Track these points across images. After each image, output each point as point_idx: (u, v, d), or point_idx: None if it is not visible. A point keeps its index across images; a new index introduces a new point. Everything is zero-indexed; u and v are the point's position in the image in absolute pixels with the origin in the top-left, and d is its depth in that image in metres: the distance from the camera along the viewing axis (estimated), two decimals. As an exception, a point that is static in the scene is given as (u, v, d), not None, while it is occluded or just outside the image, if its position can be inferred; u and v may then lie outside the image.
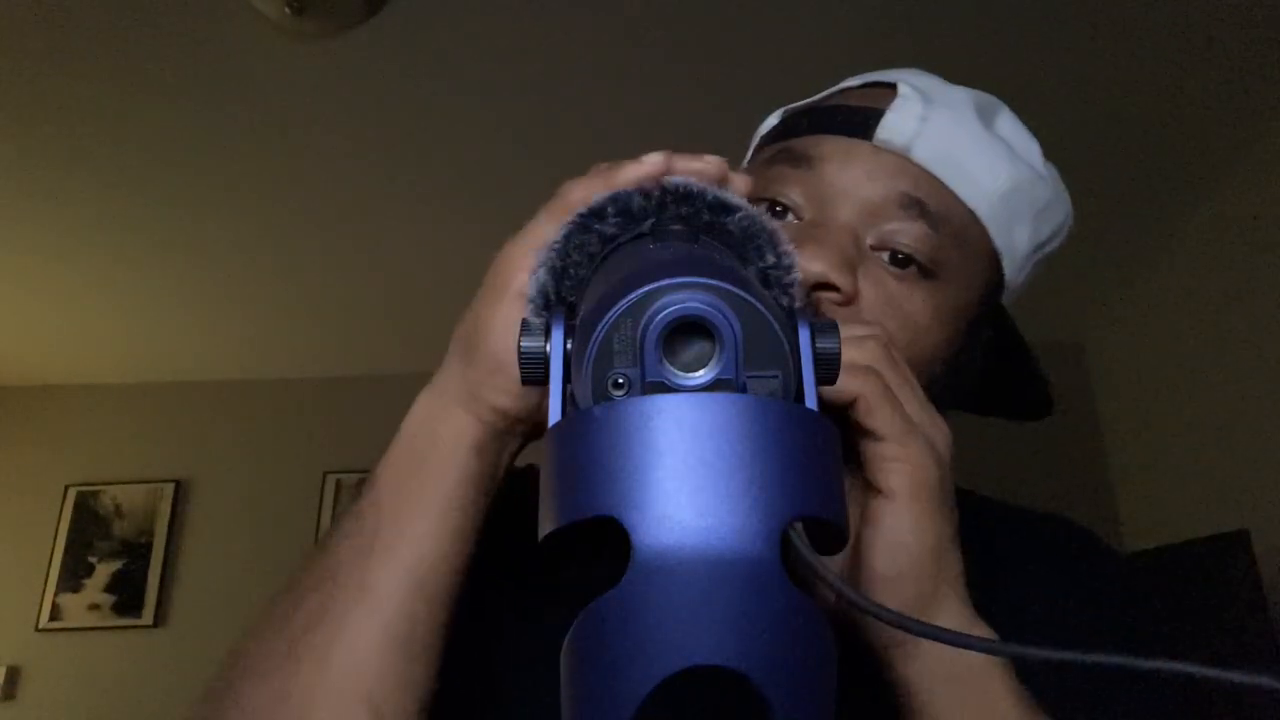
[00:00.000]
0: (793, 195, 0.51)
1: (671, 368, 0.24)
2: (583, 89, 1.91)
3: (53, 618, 2.90)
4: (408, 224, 2.38)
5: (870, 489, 0.39)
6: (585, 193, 0.37)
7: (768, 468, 0.22)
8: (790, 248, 0.36)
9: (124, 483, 3.05)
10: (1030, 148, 0.55)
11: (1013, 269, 0.55)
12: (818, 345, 0.28)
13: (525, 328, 0.30)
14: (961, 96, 0.55)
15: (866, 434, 0.38)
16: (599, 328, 0.25)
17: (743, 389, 0.24)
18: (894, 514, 0.38)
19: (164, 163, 2.09)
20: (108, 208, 2.24)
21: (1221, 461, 2.30)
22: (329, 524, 0.43)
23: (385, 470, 0.42)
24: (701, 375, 0.24)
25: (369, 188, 2.22)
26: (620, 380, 0.25)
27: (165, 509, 3.02)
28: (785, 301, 0.35)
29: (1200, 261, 2.39)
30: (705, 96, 1.91)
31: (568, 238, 0.36)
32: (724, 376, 0.24)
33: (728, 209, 0.36)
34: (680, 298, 0.24)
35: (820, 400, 0.27)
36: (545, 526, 0.24)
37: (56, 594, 2.92)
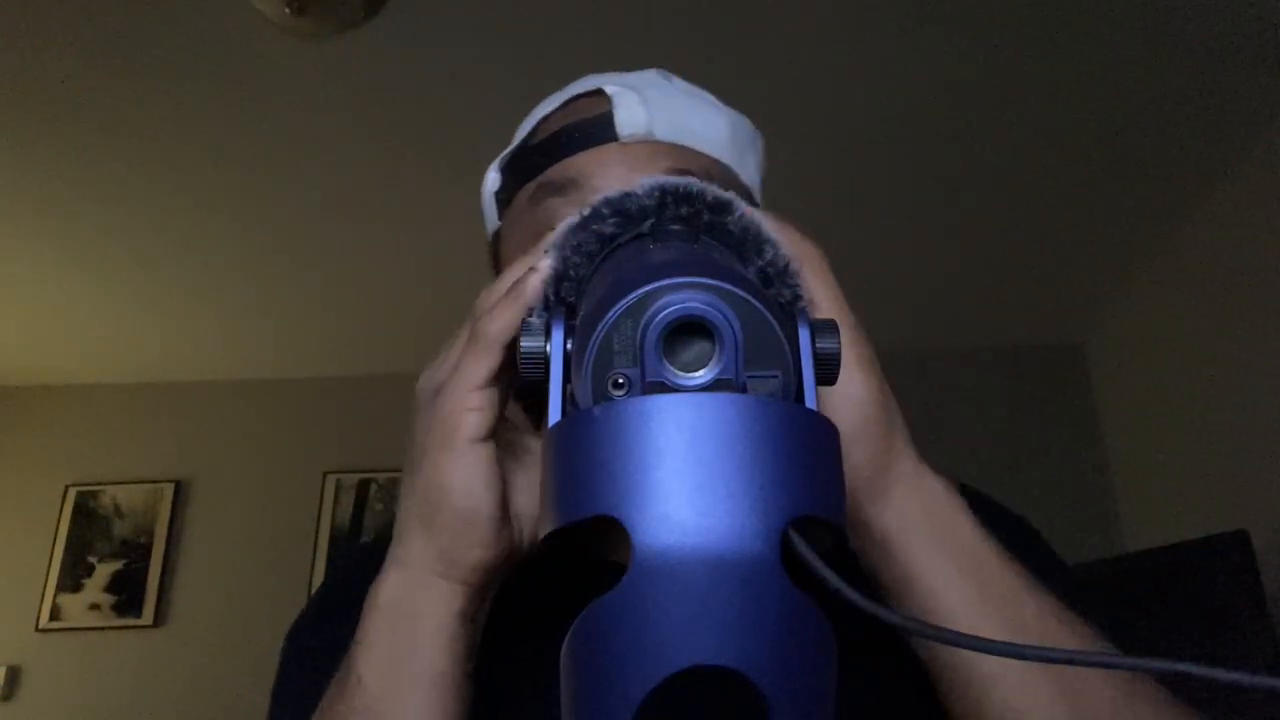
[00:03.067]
0: None
1: (672, 368, 0.24)
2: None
3: (53, 618, 2.90)
4: (408, 224, 2.38)
5: None
6: (500, 324, 0.37)
7: (768, 468, 0.22)
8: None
9: (124, 483, 3.05)
10: (707, 94, 0.61)
11: (758, 195, 0.60)
12: (818, 345, 0.28)
13: (525, 328, 0.30)
14: (651, 75, 0.59)
15: (810, 301, 0.39)
16: (599, 328, 0.25)
17: (743, 389, 0.24)
18: (847, 379, 0.39)
19: (164, 162, 2.09)
20: (107, 207, 2.24)
21: (1221, 461, 2.30)
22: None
23: (368, 664, 0.39)
24: (702, 375, 0.24)
25: (369, 187, 2.22)
26: (620, 380, 0.25)
27: (165, 509, 3.02)
28: (786, 297, 0.35)
29: (1200, 262, 2.39)
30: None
31: (567, 238, 0.36)
32: (724, 376, 0.24)
33: (728, 209, 0.36)
34: (680, 298, 0.24)
35: (819, 399, 0.27)
36: (546, 526, 0.24)
37: (56, 594, 2.92)
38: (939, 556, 0.40)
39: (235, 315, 2.82)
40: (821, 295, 0.39)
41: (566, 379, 0.28)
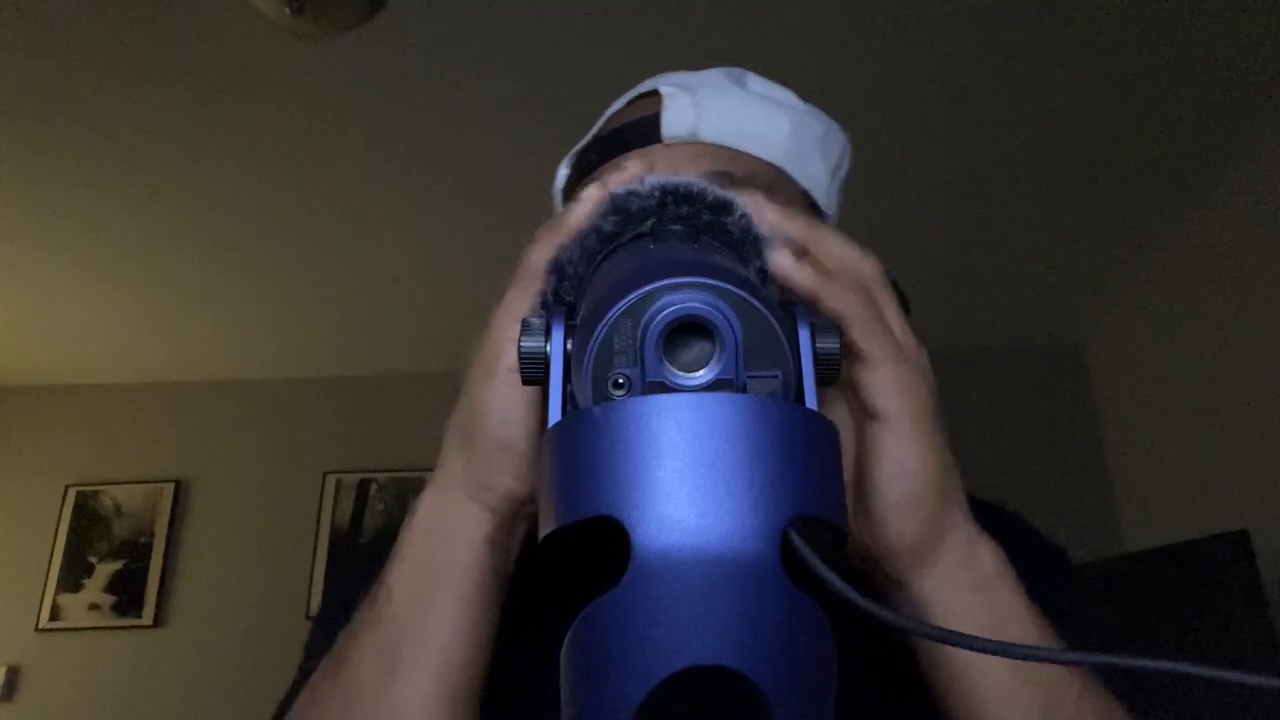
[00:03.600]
0: None
1: (672, 368, 0.24)
2: (584, 89, 1.91)
3: (53, 618, 2.90)
4: (408, 224, 2.38)
5: (866, 415, 0.38)
6: (544, 255, 0.38)
7: (768, 468, 0.22)
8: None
9: (124, 483, 3.05)
10: (786, 94, 0.60)
11: (823, 198, 0.59)
12: (818, 345, 0.28)
13: (525, 328, 0.30)
14: (714, 75, 0.59)
15: (858, 356, 0.37)
16: (599, 328, 0.25)
17: (743, 389, 0.24)
18: (898, 439, 0.37)
19: (163, 161, 2.09)
20: (107, 207, 2.24)
21: (1221, 461, 2.30)
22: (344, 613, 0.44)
23: (399, 577, 0.41)
24: (702, 375, 0.24)
25: (370, 188, 2.22)
26: (620, 380, 0.25)
27: (165, 509, 3.02)
28: (785, 298, 0.35)
29: (1200, 262, 2.39)
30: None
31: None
32: (724, 376, 0.24)
33: (728, 208, 0.36)
34: (680, 298, 0.24)
35: (820, 397, 0.27)
36: (545, 526, 0.24)
37: (56, 594, 2.92)
38: (978, 631, 0.38)
39: (235, 315, 2.82)
40: (873, 347, 0.37)
41: (566, 379, 0.28)
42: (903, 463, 0.37)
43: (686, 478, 0.21)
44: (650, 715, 0.20)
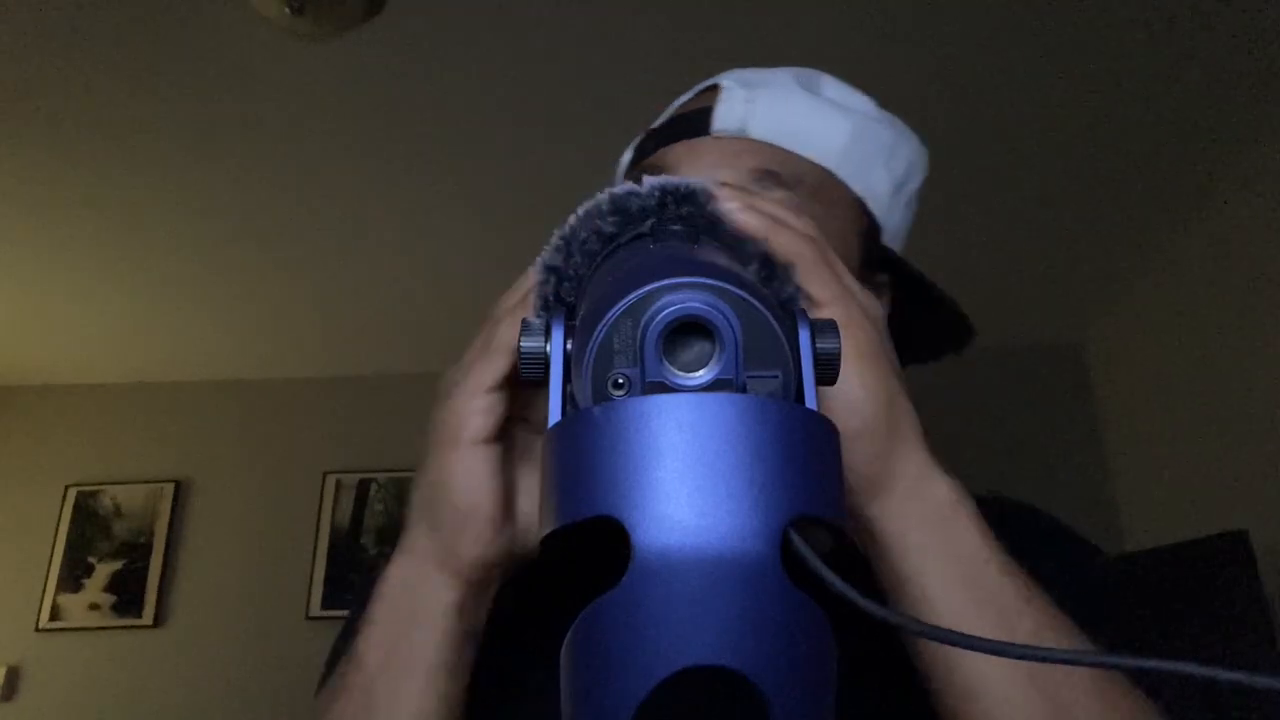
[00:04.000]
0: None
1: (672, 368, 0.24)
2: (584, 88, 1.91)
3: (53, 618, 2.90)
4: (408, 224, 2.38)
5: None
6: (511, 335, 0.38)
7: (768, 468, 0.22)
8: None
9: (124, 483, 3.05)
10: (861, 101, 0.60)
11: (881, 209, 0.58)
12: (818, 345, 0.28)
13: (525, 328, 0.30)
14: (782, 74, 0.58)
15: (805, 298, 0.38)
16: (599, 328, 0.25)
17: (743, 389, 0.24)
18: (843, 374, 0.37)
19: (163, 162, 2.09)
20: (107, 207, 2.24)
21: (1221, 461, 2.30)
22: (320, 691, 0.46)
23: (369, 645, 0.41)
24: (701, 375, 0.24)
25: (369, 188, 2.22)
26: (620, 380, 0.25)
27: (165, 509, 3.02)
28: (785, 298, 0.35)
29: (1200, 262, 2.39)
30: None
31: (568, 238, 0.36)
32: (724, 376, 0.24)
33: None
34: (680, 298, 0.24)
35: (818, 397, 0.27)
36: (545, 527, 0.24)
37: (56, 594, 2.92)
38: (934, 562, 0.39)
39: (235, 315, 2.82)
40: (818, 289, 0.38)
41: (566, 379, 0.28)
42: (847, 394, 0.38)
43: (686, 478, 0.21)
44: (650, 715, 0.20)
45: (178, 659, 2.85)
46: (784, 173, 0.53)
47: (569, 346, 0.28)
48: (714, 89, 0.57)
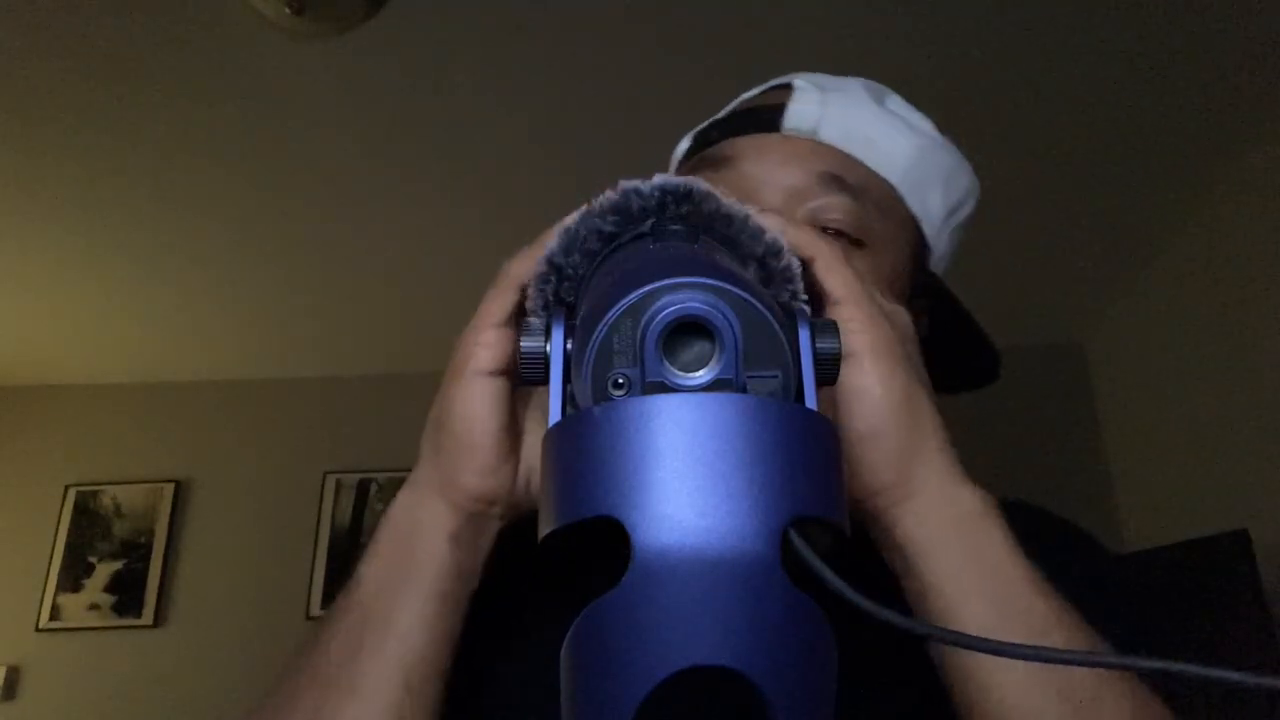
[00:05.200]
0: None
1: (672, 368, 0.24)
2: (584, 88, 1.91)
3: (53, 618, 2.90)
4: (408, 224, 2.38)
5: None
6: (524, 265, 0.39)
7: (768, 468, 0.22)
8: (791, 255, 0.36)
9: (124, 483, 3.05)
10: (924, 121, 0.59)
11: (932, 232, 0.58)
12: (818, 345, 0.28)
13: (525, 328, 0.30)
14: (853, 83, 0.59)
15: (822, 294, 0.39)
16: (599, 328, 0.25)
17: (743, 389, 0.24)
18: (859, 372, 0.37)
19: (163, 162, 2.09)
20: (107, 207, 2.24)
21: (1221, 461, 2.30)
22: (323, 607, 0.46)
23: (369, 565, 0.43)
24: (702, 375, 0.24)
25: (369, 187, 2.22)
26: (620, 380, 0.24)
27: (165, 509, 3.02)
28: (785, 298, 0.35)
29: (1200, 262, 2.39)
30: (709, 95, 1.91)
31: (568, 238, 0.36)
32: (724, 376, 0.24)
33: (726, 208, 0.36)
34: (680, 298, 0.24)
35: (819, 397, 0.27)
36: (545, 526, 0.24)
37: (56, 594, 2.92)
38: (960, 573, 0.37)
39: (235, 315, 2.82)
40: (836, 285, 0.38)
41: (567, 379, 0.28)
42: (862, 392, 0.37)
43: (686, 478, 0.21)
44: (650, 715, 0.20)
45: (178, 659, 2.85)
46: (850, 179, 0.52)
47: (569, 346, 0.28)
48: (786, 87, 0.57)
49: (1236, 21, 1.72)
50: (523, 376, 0.30)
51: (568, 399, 0.28)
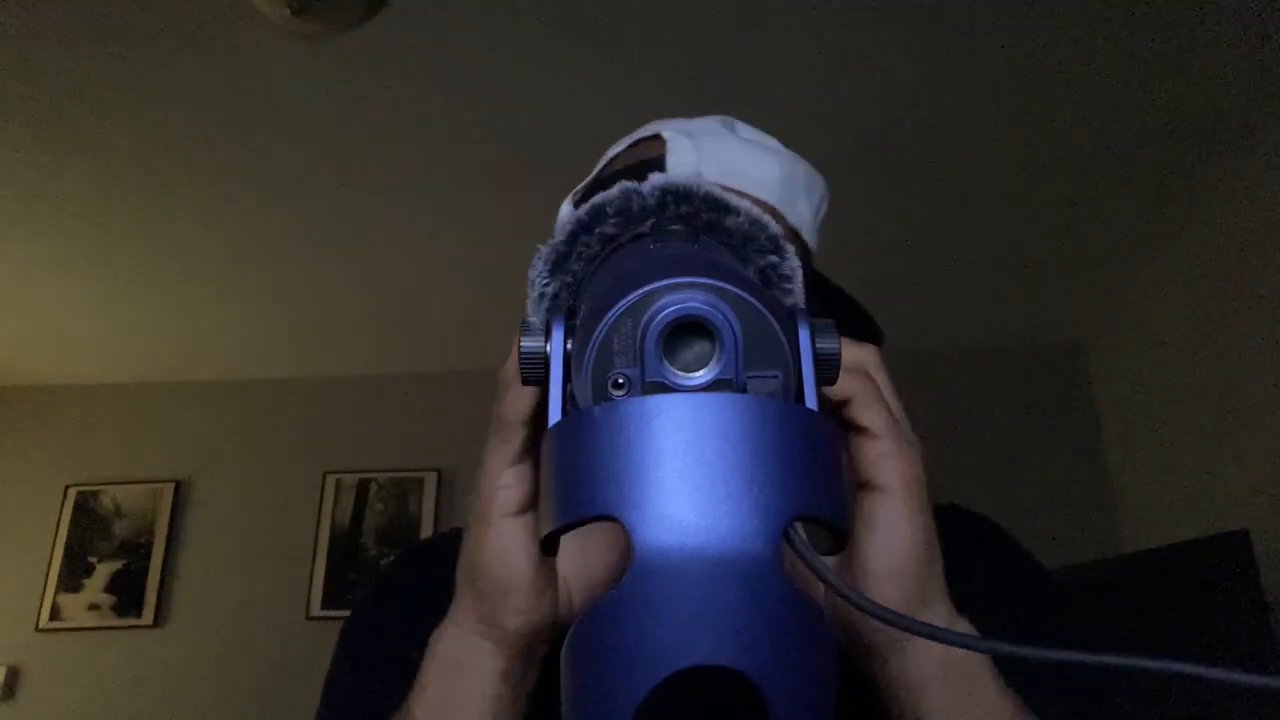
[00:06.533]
0: None
1: (672, 368, 0.24)
2: (584, 89, 1.91)
3: (53, 618, 2.90)
4: (408, 224, 2.38)
5: (862, 487, 0.39)
6: (518, 406, 0.38)
7: (768, 468, 0.22)
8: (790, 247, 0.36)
9: (124, 483, 3.05)
10: (773, 141, 0.64)
11: (810, 237, 0.64)
12: (818, 345, 0.28)
13: (525, 328, 0.30)
14: (710, 122, 0.63)
15: (859, 431, 0.39)
16: (599, 328, 0.25)
17: (743, 389, 0.24)
18: (890, 510, 0.38)
19: (162, 162, 2.09)
20: (106, 208, 2.24)
21: (1221, 461, 2.30)
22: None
23: (422, 708, 0.43)
24: (702, 375, 0.24)
25: (369, 188, 2.22)
26: (621, 380, 0.24)
27: (165, 509, 3.02)
28: (786, 300, 0.35)
29: (1200, 262, 2.39)
30: (706, 101, 1.92)
31: (568, 239, 0.36)
32: (724, 376, 0.24)
33: (727, 209, 0.36)
34: (680, 298, 0.24)
35: (820, 399, 0.27)
36: (545, 526, 0.24)
37: (56, 594, 2.92)
38: (951, 713, 0.39)
39: (235, 315, 2.82)
40: (874, 420, 0.38)
41: (567, 379, 0.28)
42: (894, 532, 0.38)
43: (686, 478, 0.21)
44: (650, 715, 0.20)
45: (178, 659, 2.85)
46: None
47: (569, 346, 0.28)
48: (657, 139, 0.60)
49: (1237, 21, 1.72)
50: (523, 377, 0.30)
51: (568, 399, 0.28)
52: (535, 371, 0.29)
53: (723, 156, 0.59)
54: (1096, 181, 2.22)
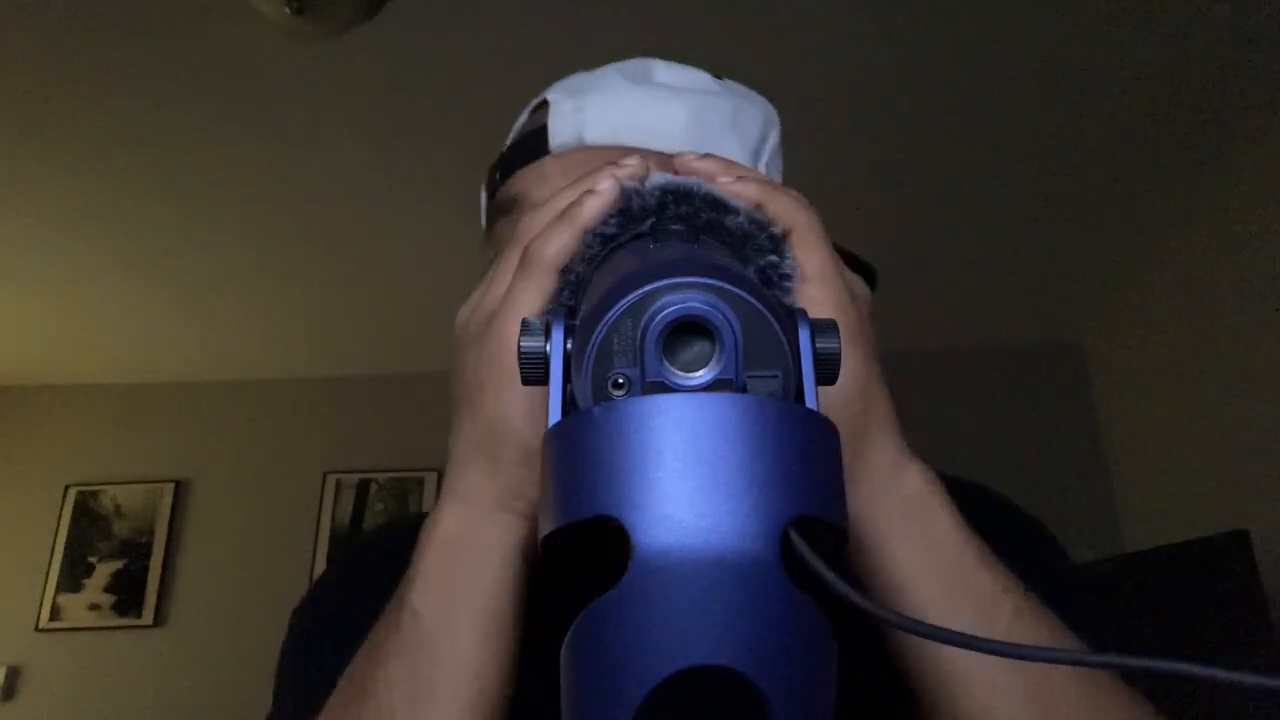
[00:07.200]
0: None
1: (672, 368, 0.24)
2: (583, 89, 1.91)
3: (53, 618, 2.90)
4: (408, 224, 2.38)
5: None
6: (556, 246, 0.36)
7: (768, 468, 0.22)
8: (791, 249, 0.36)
9: (124, 483, 3.05)
10: (696, 77, 0.58)
11: (760, 170, 0.57)
12: (818, 345, 0.28)
13: (525, 327, 0.29)
14: (608, 72, 0.57)
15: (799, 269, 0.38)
16: (599, 328, 0.25)
17: (743, 389, 0.24)
18: None
19: (163, 162, 2.09)
20: (107, 207, 2.24)
21: (1221, 461, 2.30)
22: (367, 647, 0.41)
23: (424, 598, 0.38)
24: (701, 375, 0.24)
25: (369, 188, 2.22)
26: (620, 380, 0.24)
27: (165, 509, 3.02)
28: (786, 300, 0.35)
29: (1200, 262, 2.39)
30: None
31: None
32: (724, 376, 0.24)
33: (727, 208, 0.36)
34: (680, 298, 0.24)
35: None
36: (545, 527, 0.24)
37: (56, 594, 2.92)
38: (909, 551, 0.38)
39: (236, 315, 2.82)
40: (809, 261, 0.37)
41: (566, 379, 0.28)
42: None
43: (686, 478, 0.21)
44: (650, 716, 0.20)
45: (178, 659, 2.85)
46: None
47: (569, 346, 0.28)
48: (544, 105, 0.56)
49: (1238, 21, 1.72)
50: (522, 377, 0.30)
51: (568, 399, 0.28)
52: (535, 372, 0.29)
53: (611, 114, 0.54)
54: (1096, 182, 2.22)
